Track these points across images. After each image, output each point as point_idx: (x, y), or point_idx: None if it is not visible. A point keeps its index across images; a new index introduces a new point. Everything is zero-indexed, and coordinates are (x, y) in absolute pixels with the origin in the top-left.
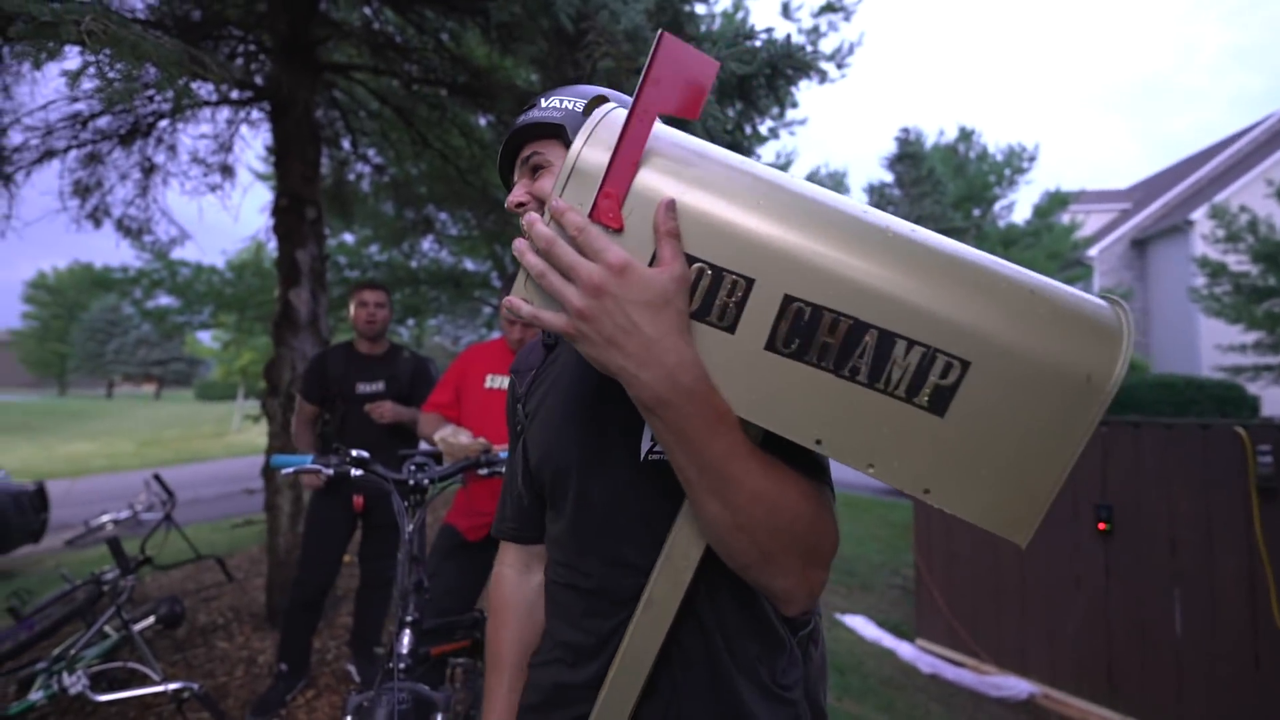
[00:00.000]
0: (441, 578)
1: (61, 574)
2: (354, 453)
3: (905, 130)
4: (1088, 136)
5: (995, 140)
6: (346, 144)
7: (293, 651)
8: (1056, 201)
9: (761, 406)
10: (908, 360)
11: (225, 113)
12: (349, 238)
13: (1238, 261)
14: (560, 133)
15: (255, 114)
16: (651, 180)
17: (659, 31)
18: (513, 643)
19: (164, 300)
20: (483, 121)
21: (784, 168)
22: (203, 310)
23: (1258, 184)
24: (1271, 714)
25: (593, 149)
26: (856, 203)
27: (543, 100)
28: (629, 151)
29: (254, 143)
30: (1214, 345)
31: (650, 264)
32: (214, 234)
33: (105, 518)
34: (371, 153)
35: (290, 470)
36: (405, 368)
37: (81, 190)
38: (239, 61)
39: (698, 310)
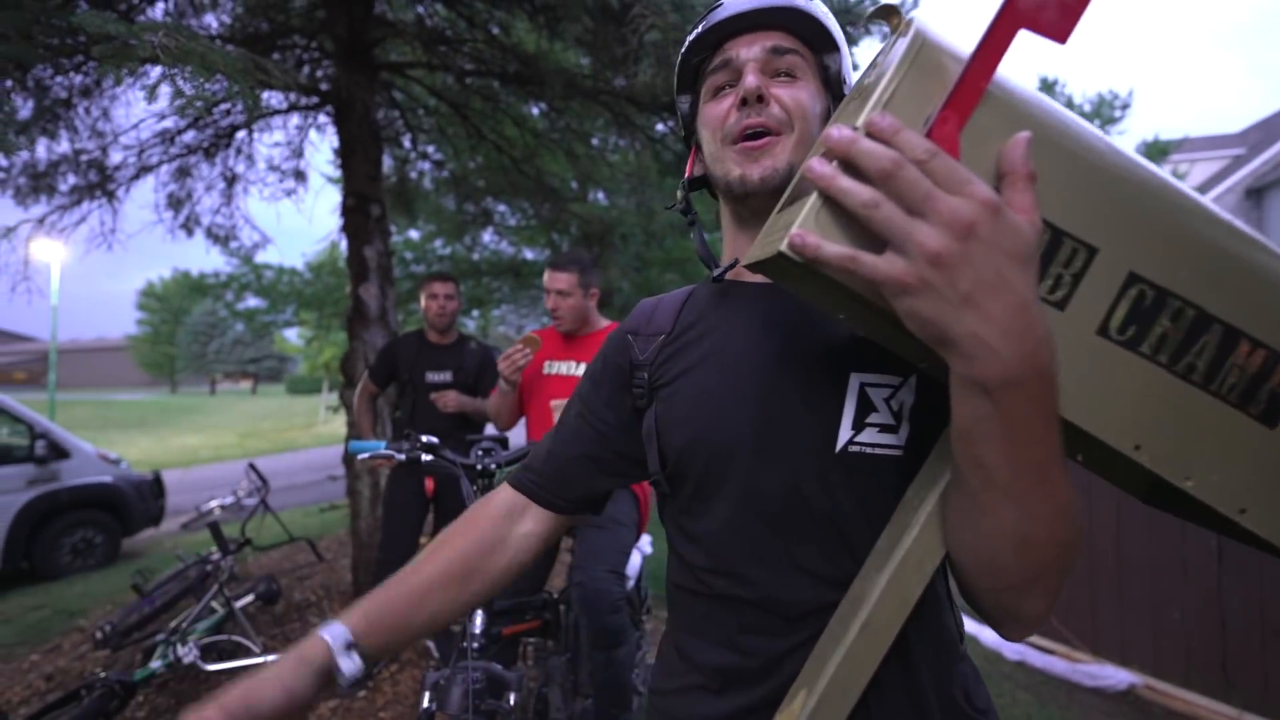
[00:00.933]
0: None
1: (176, 554)
2: (424, 438)
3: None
4: (1196, 78)
5: (1083, 89)
6: (406, 142)
7: None
8: (1155, 151)
9: (1080, 401)
10: (1248, 363)
11: (294, 119)
12: (414, 234)
13: None
14: (820, 41)
15: (321, 118)
16: (990, 117)
17: None
18: (458, 553)
19: (252, 302)
20: (535, 111)
21: None
22: (286, 309)
23: None
24: None
25: (923, 66)
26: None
27: None
28: (983, 65)
29: (322, 147)
30: None
31: None
32: (292, 237)
33: (213, 503)
34: (431, 149)
35: (366, 455)
36: (472, 358)
37: (174, 202)
38: (305, 69)
39: None
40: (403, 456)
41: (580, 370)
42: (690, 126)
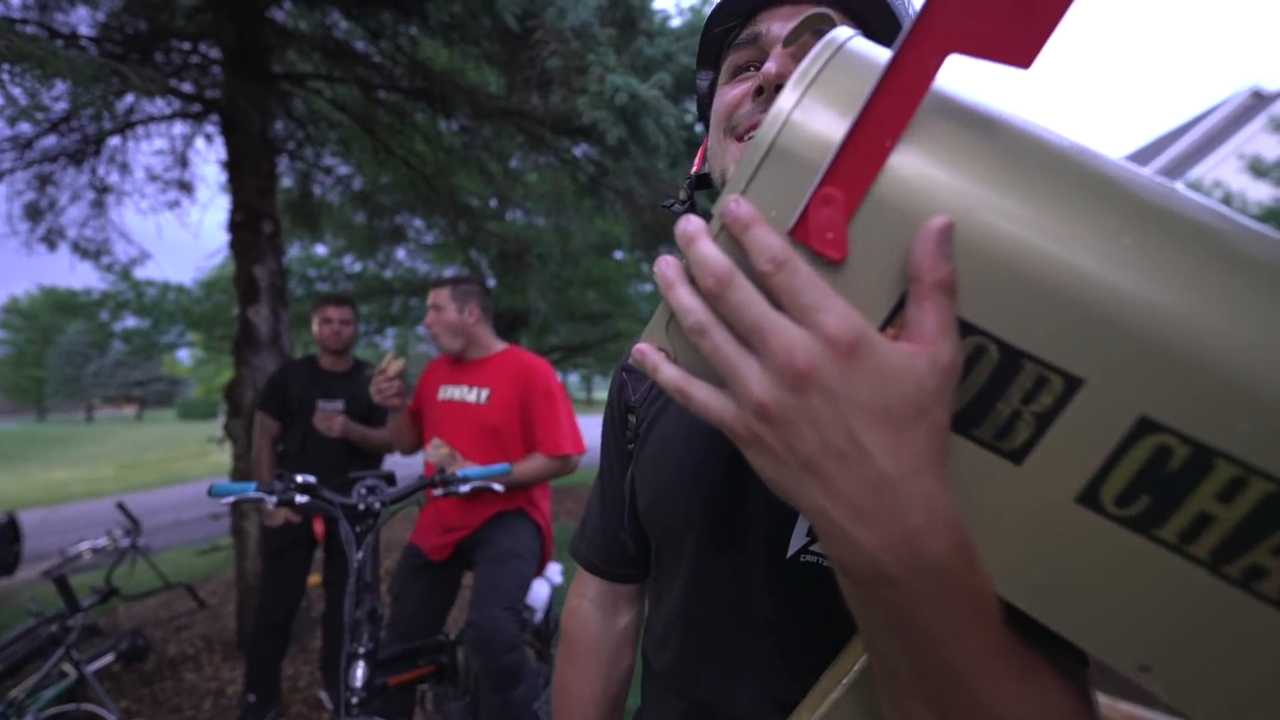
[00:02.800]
0: (406, 601)
1: (29, 608)
2: (299, 478)
3: None
4: (1062, 118)
5: None
6: (310, 155)
7: (261, 680)
8: None
9: (1052, 596)
10: None
11: (179, 127)
12: (321, 250)
13: None
14: (874, 15)
15: (210, 128)
16: (913, 175)
17: None
18: (595, 699)
19: (131, 321)
20: (447, 127)
21: None
22: (170, 330)
23: (1230, 159)
24: None
25: (810, 110)
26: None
27: None
28: (882, 119)
29: (210, 156)
30: None
31: (882, 328)
32: (179, 250)
33: (83, 545)
34: (335, 162)
35: (231, 499)
36: (368, 385)
37: (33, 213)
38: (191, 74)
39: (962, 414)
40: (274, 499)
41: (474, 396)
42: (707, 109)
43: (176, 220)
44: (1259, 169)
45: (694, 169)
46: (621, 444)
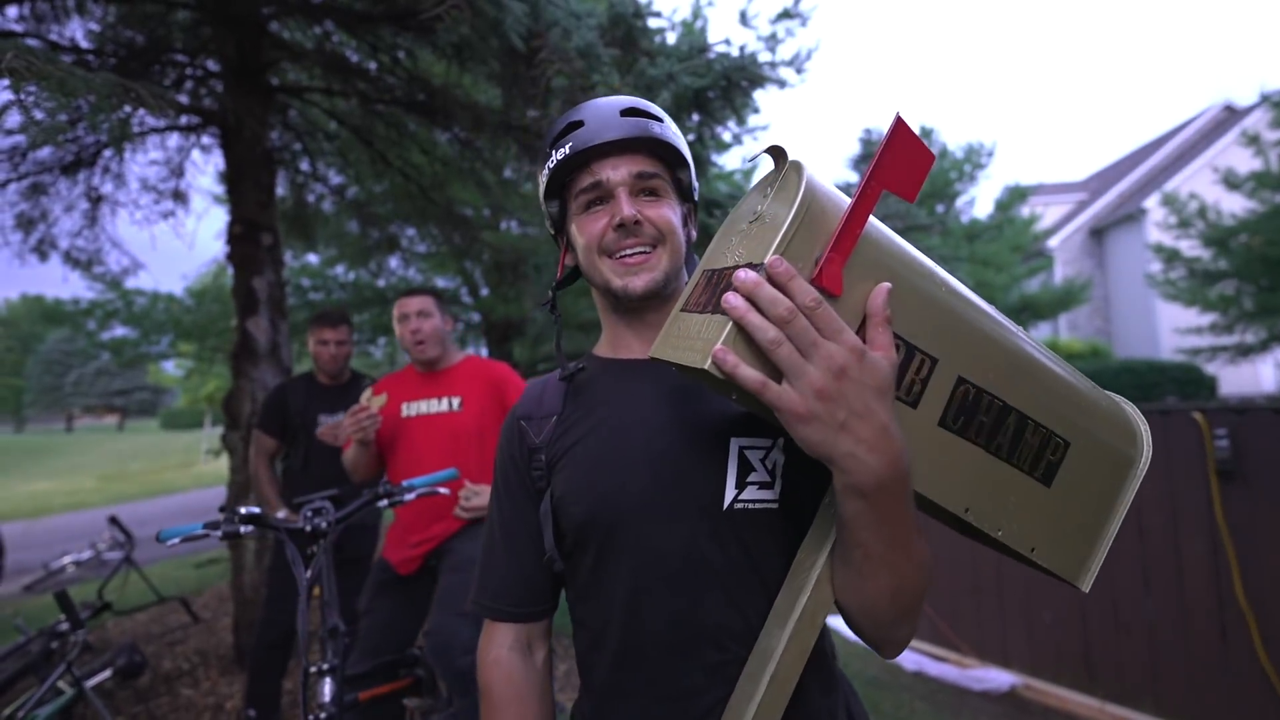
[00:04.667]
0: (375, 615)
1: (15, 624)
2: (243, 509)
3: (868, 132)
4: (1043, 131)
5: (954, 139)
6: (305, 165)
7: (261, 696)
8: (1016, 195)
9: (929, 478)
10: (1034, 439)
11: (175, 138)
12: (314, 259)
13: (1190, 247)
14: (673, 159)
15: (206, 139)
16: (864, 255)
17: (895, 115)
18: None
19: (120, 331)
20: (444, 138)
21: (749, 174)
22: (160, 340)
23: (1204, 171)
24: (1240, 686)
25: (813, 212)
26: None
27: (640, 109)
28: (857, 216)
29: (207, 167)
30: (1172, 329)
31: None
32: (173, 259)
33: (66, 559)
34: (331, 173)
35: (178, 540)
36: None
37: (25, 223)
38: (188, 86)
39: None
40: (219, 534)
41: (444, 406)
42: (559, 227)
43: (171, 230)
44: (1233, 181)
45: (559, 275)
46: (529, 484)
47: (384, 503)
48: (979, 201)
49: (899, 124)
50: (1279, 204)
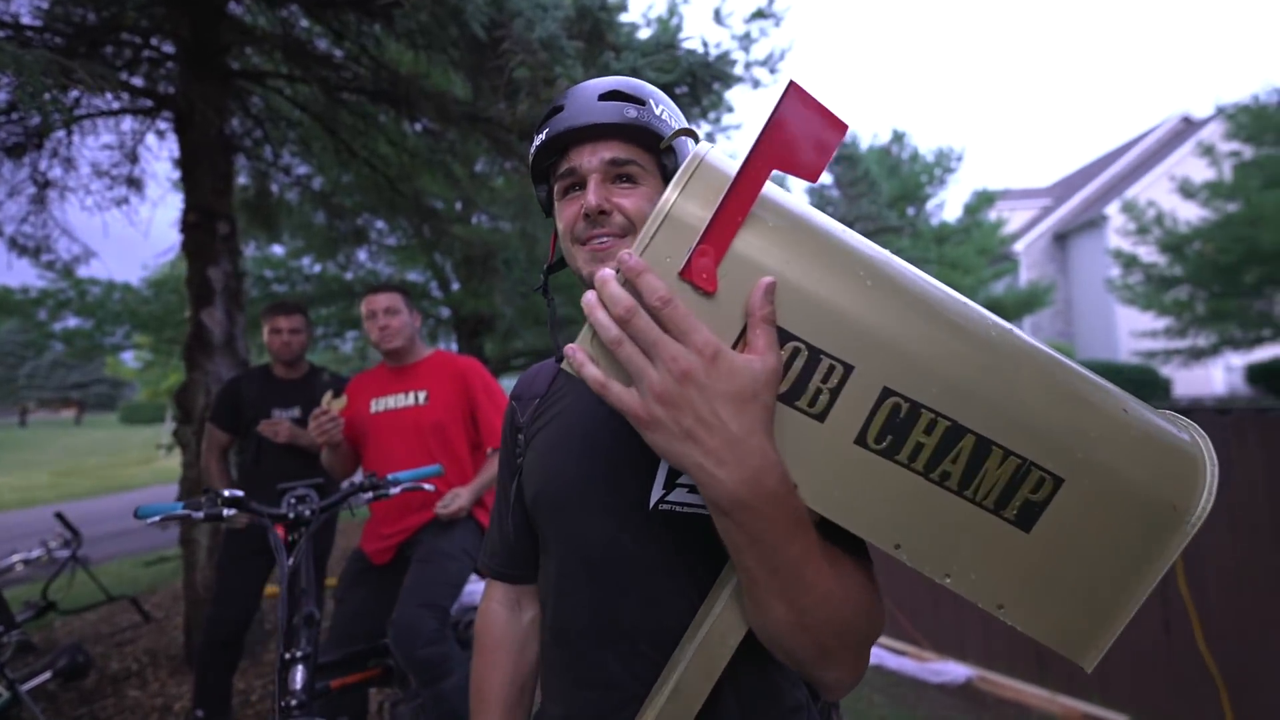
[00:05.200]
0: (348, 604)
1: None
2: (226, 492)
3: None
4: (1010, 138)
5: (925, 143)
6: (268, 154)
7: (210, 696)
8: (984, 200)
9: (842, 504)
10: (1001, 470)
11: (129, 122)
12: (279, 250)
13: (1148, 253)
14: (656, 144)
15: (163, 124)
16: (752, 244)
17: (788, 81)
18: (504, 683)
19: (73, 321)
20: (413, 129)
21: None
22: (116, 331)
23: (1162, 180)
24: (1182, 675)
25: (689, 199)
26: (955, 292)
27: (621, 91)
28: (735, 207)
29: (162, 153)
30: (1130, 332)
31: (735, 344)
32: (127, 246)
33: (15, 558)
34: (295, 161)
35: (158, 518)
36: (324, 391)
37: None
38: (143, 68)
39: (787, 393)
40: (201, 515)
41: (408, 401)
42: (550, 211)
43: (124, 218)
44: (1188, 191)
45: (550, 259)
46: (511, 459)
47: (368, 495)
48: (948, 205)
49: (792, 89)
50: (1231, 213)
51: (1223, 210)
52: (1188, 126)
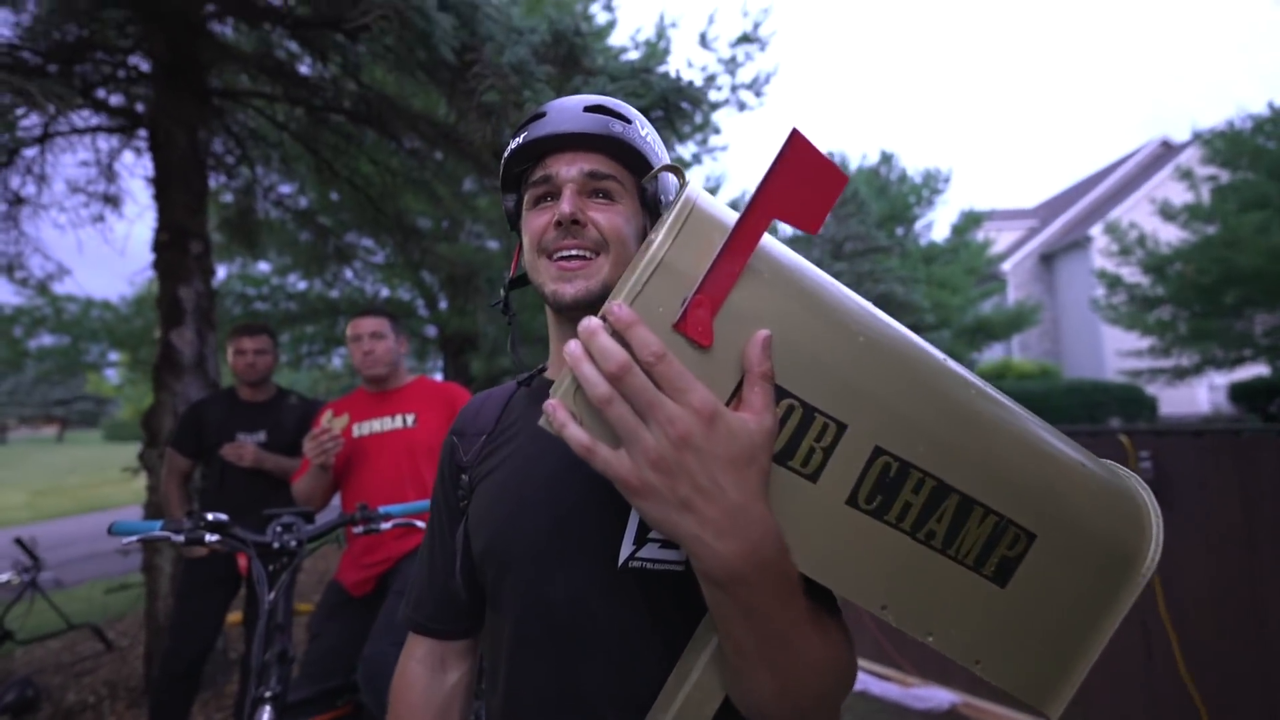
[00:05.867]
0: (324, 638)
1: None
2: (210, 516)
3: (830, 154)
4: (997, 160)
5: (913, 164)
6: (250, 172)
7: None
8: (971, 220)
9: (831, 567)
10: (981, 528)
11: (107, 140)
12: (265, 267)
13: (1131, 274)
14: (637, 164)
15: (140, 141)
16: (747, 296)
17: (790, 130)
18: None
19: (48, 339)
20: (395, 149)
21: (713, 191)
22: (91, 349)
23: (1144, 202)
24: (1162, 699)
25: (682, 247)
26: (935, 349)
27: (607, 107)
28: (733, 257)
29: (137, 170)
30: (1116, 351)
31: (729, 401)
32: (106, 262)
33: None
34: (274, 179)
35: (134, 539)
36: (291, 415)
37: None
38: (119, 86)
39: (780, 452)
40: (181, 538)
41: (396, 424)
42: (515, 223)
43: (99, 235)
44: (1168, 213)
45: (510, 273)
46: (454, 502)
47: (359, 529)
48: (936, 225)
49: (795, 139)
50: (1209, 235)
51: (1202, 232)
52: (1167, 151)
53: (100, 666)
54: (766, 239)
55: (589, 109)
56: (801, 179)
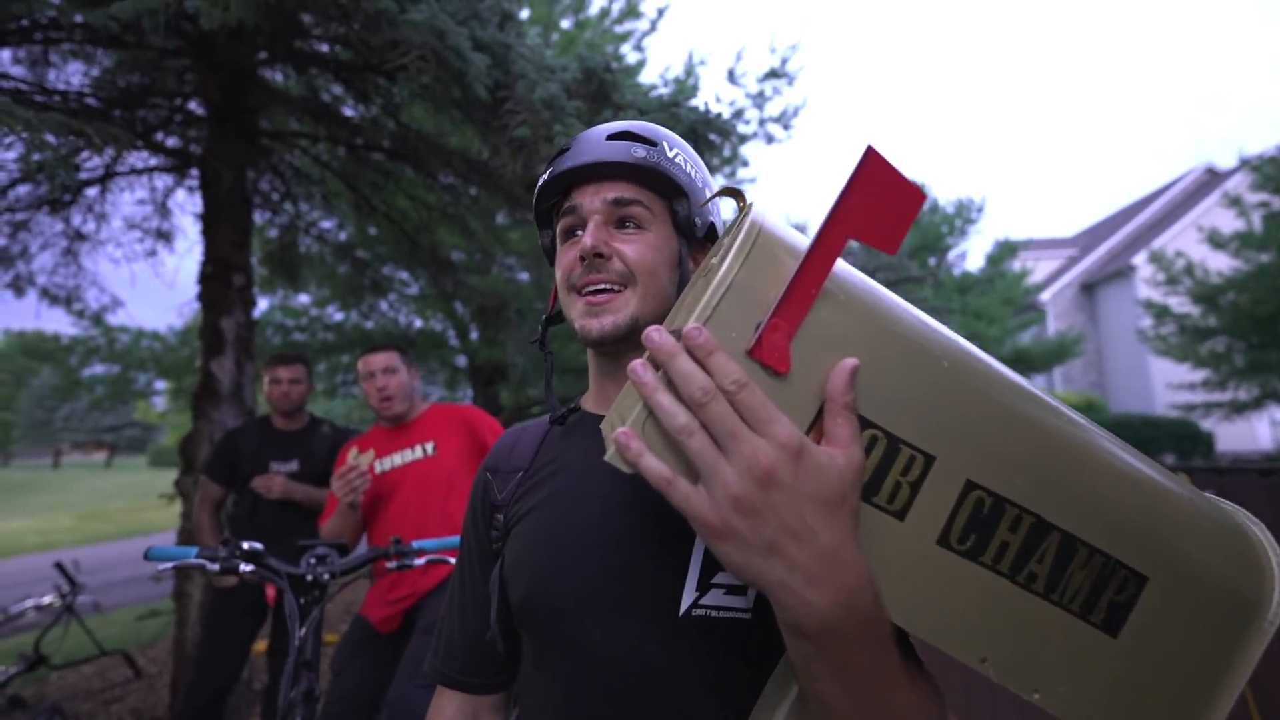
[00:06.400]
0: (348, 675)
1: None
2: (245, 545)
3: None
4: (1038, 187)
5: (945, 194)
6: (291, 208)
7: None
8: (1006, 250)
9: (925, 616)
10: (1087, 570)
11: (164, 179)
12: (304, 299)
13: (1179, 303)
14: (666, 188)
15: (192, 180)
16: (824, 320)
17: (866, 147)
18: None
19: (99, 368)
20: (437, 187)
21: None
22: (139, 378)
23: (1190, 230)
24: None
25: (752, 269)
26: (1019, 376)
27: (631, 132)
28: (810, 279)
29: (189, 208)
30: (1166, 384)
31: (808, 433)
32: (155, 293)
33: (28, 603)
34: (316, 214)
35: (169, 565)
36: (324, 444)
37: (3, 259)
38: (175, 128)
39: (866, 487)
40: (216, 567)
41: (416, 454)
42: (553, 259)
43: (150, 268)
44: (1218, 241)
45: (548, 311)
46: (486, 544)
47: (393, 564)
48: (970, 255)
49: (870, 156)
50: (1264, 264)
51: (1255, 260)
52: (1212, 178)
53: (129, 694)
54: (838, 261)
55: (611, 136)
56: (877, 197)
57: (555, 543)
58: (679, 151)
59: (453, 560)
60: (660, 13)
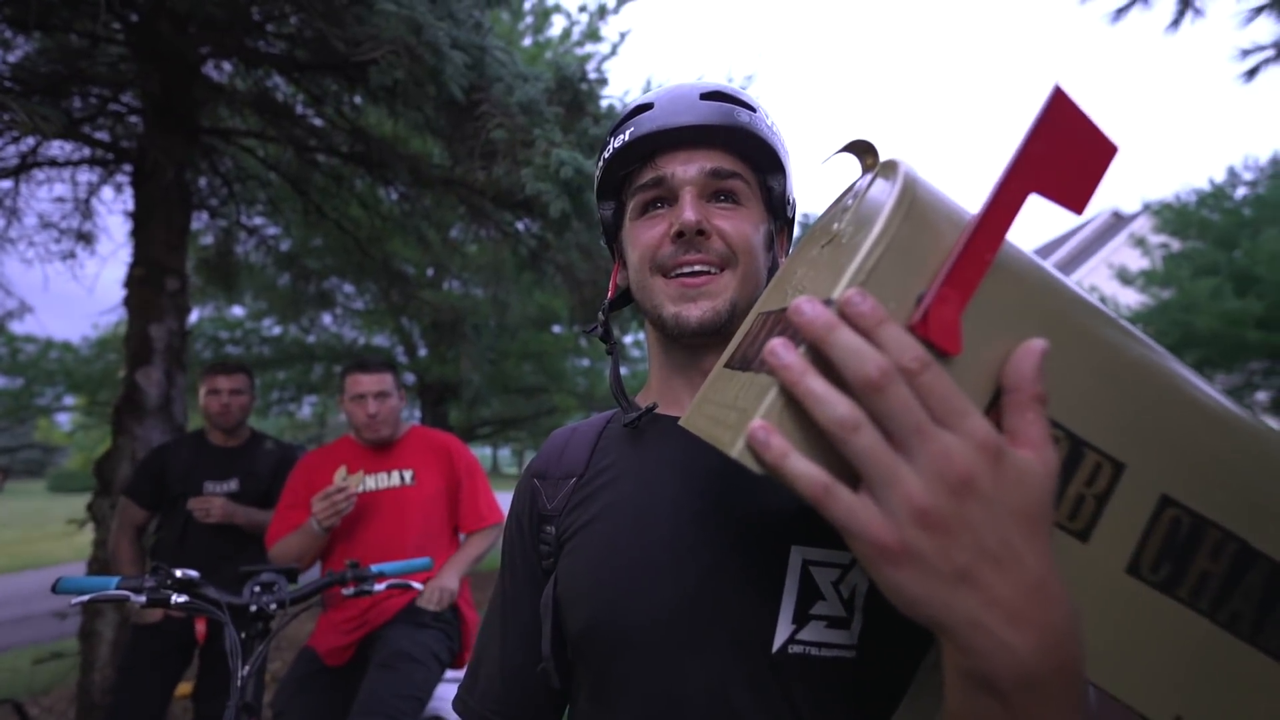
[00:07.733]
0: (291, 716)
1: None
2: (179, 573)
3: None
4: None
5: None
6: (235, 212)
7: None
8: None
9: (1110, 660)
10: None
11: (87, 174)
12: (238, 311)
13: None
14: (764, 160)
15: (121, 177)
16: (997, 294)
17: (1053, 87)
18: None
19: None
20: (392, 195)
21: None
22: (46, 392)
23: (1101, 267)
24: None
25: (911, 228)
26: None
27: (727, 93)
28: (985, 242)
29: (117, 207)
30: None
31: None
32: (74, 304)
33: None
34: (260, 221)
35: (84, 598)
36: (266, 461)
37: None
38: (105, 120)
39: None
40: (142, 599)
41: (393, 481)
42: (613, 235)
43: (68, 272)
44: (1126, 278)
45: (609, 295)
46: (534, 561)
47: (349, 590)
48: None
49: (1058, 98)
50: (1165, 300)
51: (1158, 296)
52: (1118, 220)
53: None
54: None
55: (706, 95)
56: (1066, 146)
57: (620, 561)
58: (775, 122)
59: (418, 585)
60: (622, 36)
